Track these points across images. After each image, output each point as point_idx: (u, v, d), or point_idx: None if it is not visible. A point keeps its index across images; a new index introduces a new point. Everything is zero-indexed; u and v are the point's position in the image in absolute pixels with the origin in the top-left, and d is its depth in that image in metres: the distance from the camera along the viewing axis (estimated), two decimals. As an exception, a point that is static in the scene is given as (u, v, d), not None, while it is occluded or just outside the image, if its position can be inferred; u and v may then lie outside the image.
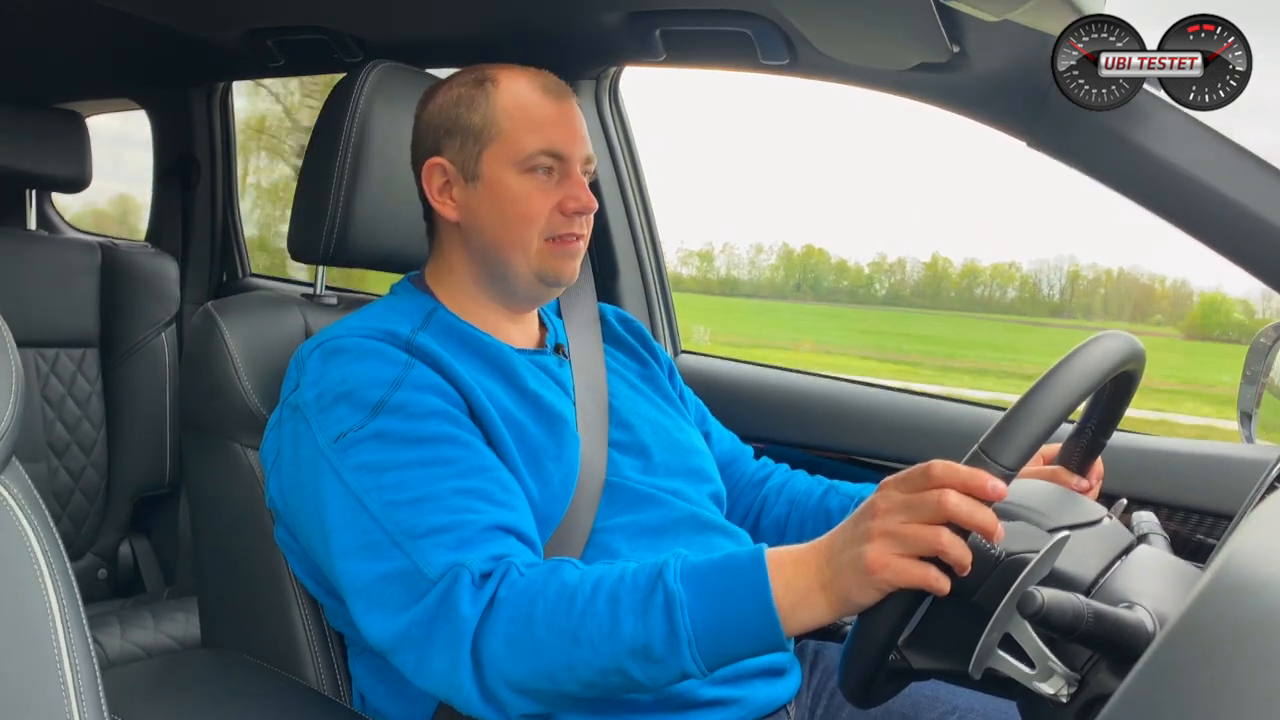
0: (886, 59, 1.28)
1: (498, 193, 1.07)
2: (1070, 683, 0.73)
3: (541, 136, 1.06)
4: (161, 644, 1.83)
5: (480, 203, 1.08)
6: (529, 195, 1.06)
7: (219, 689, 1.08)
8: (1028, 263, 4.07)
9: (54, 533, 0.61)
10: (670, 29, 1.46)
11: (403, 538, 0.89)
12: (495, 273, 1.10)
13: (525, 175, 1.06)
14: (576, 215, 1.07)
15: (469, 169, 1.08)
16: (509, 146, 1.06)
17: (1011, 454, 0.77)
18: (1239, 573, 0.55)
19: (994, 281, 4.26)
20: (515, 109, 1.07)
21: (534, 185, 1.06)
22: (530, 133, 1.06)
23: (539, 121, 1.07)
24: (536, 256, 1.08)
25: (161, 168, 2.40)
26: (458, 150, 1.08)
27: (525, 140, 1.06)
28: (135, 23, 1.83)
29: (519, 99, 1.07)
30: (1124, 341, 0.86)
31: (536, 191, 1.06)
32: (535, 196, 1.06)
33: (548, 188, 1.07)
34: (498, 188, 1.07)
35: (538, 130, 1.06)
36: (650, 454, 1.12)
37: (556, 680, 0.83)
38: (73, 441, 2.03)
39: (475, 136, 1.07)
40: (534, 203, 1.06)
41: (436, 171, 1.10)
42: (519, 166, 1.06)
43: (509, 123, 1.07)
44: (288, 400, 1.02)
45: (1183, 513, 1.27)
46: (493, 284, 1.11)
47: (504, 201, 1.07)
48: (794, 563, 0.80)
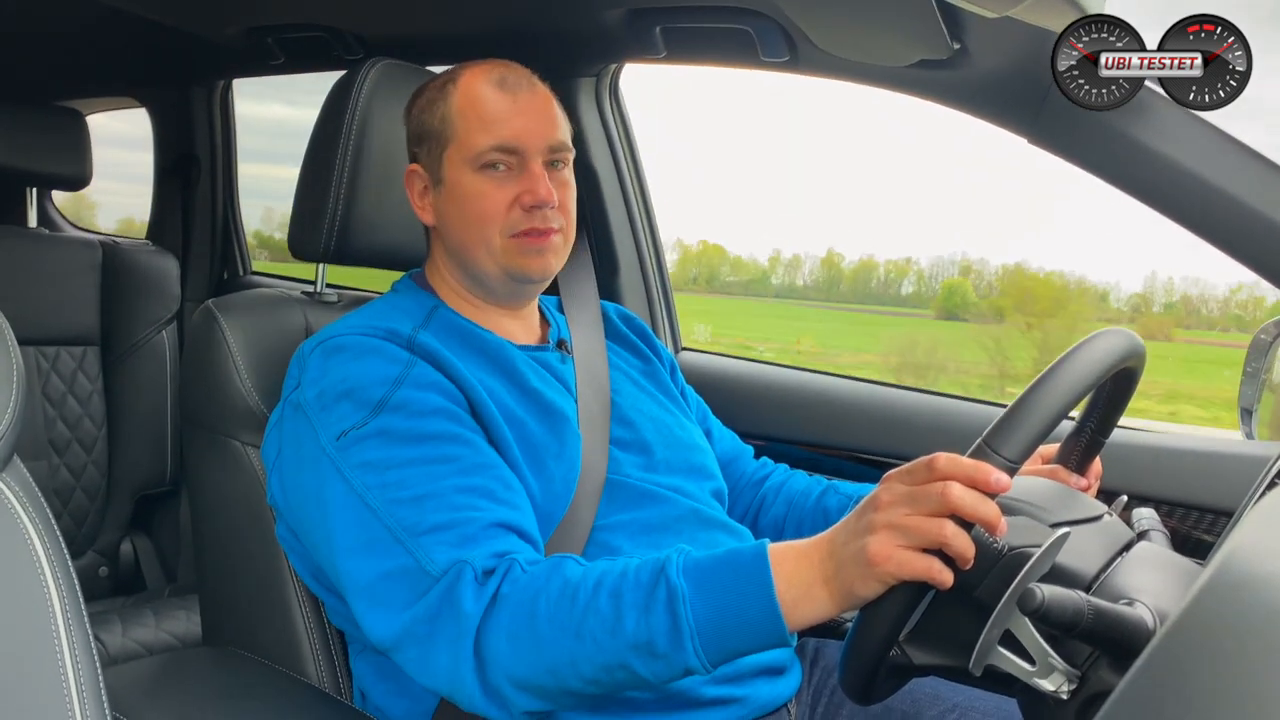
0: (887, 56, 1.27)
1: (458, 194, 1.07)
2: (1071, 679, 0.74)
3: (491, 133, 1.05)
4: (163, 642, 1.83)
5: (445, 206, 1.08)
6: (484, 194, 1.06)
7: (220, 687, 1.08)
8: (926, 259, 4.21)
9: (55, 530, 0.61)
10: (670, 26, 1.45)
11: (405, 535, 0.89)
12: (470, 273, 1.10)
13: (480, 174, 1.06)
14: (535, 209, 1.06)
15: (435, 173, 1.09)
16: (462, 147, 1.06)
17: (1015, 447, 0.77)
18: (1239, 569, 0.55)
19: (889, 275, 4.39)
20: (467, 108, 1.07)
21: (490, 183, 1.06)
22: (480, 131, 1.05)
23: (489, 118, 1.06)
24: (502, 255, 1.07)
25: (162, 166, 2.40)
26: (426, 155, 1.09)
27: (476, 138, 1.05)
28: (136, 21, 1.83)
29: (471, 97, 1.07)
30: (1125, 338, 0.86)
31: (493, 189, 1.06)
32: (491, 194, 1.05)
33: (505, 184, 1.06)
34: (457, 189, 1.07)
35: (487, 127, 1.05)
36: (652, 451, 1.12)
37: (559, 676, 0.83)
38: (74, 439, 2.03)
39: (436, 140, 1.08)
40: (489, 201, 1.05)
41: (415, 178, 1.11)
42: (472, 165, 1.06)
43: (462, 122, 1.06)
44: (289, 398, 1.02)
45: (1183, 509, 1.27)
46: (473, 284, 1.11)
47: (464, 202, 1.06)
48: (797, 557, 0.80)
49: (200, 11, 1.79)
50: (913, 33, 1.14)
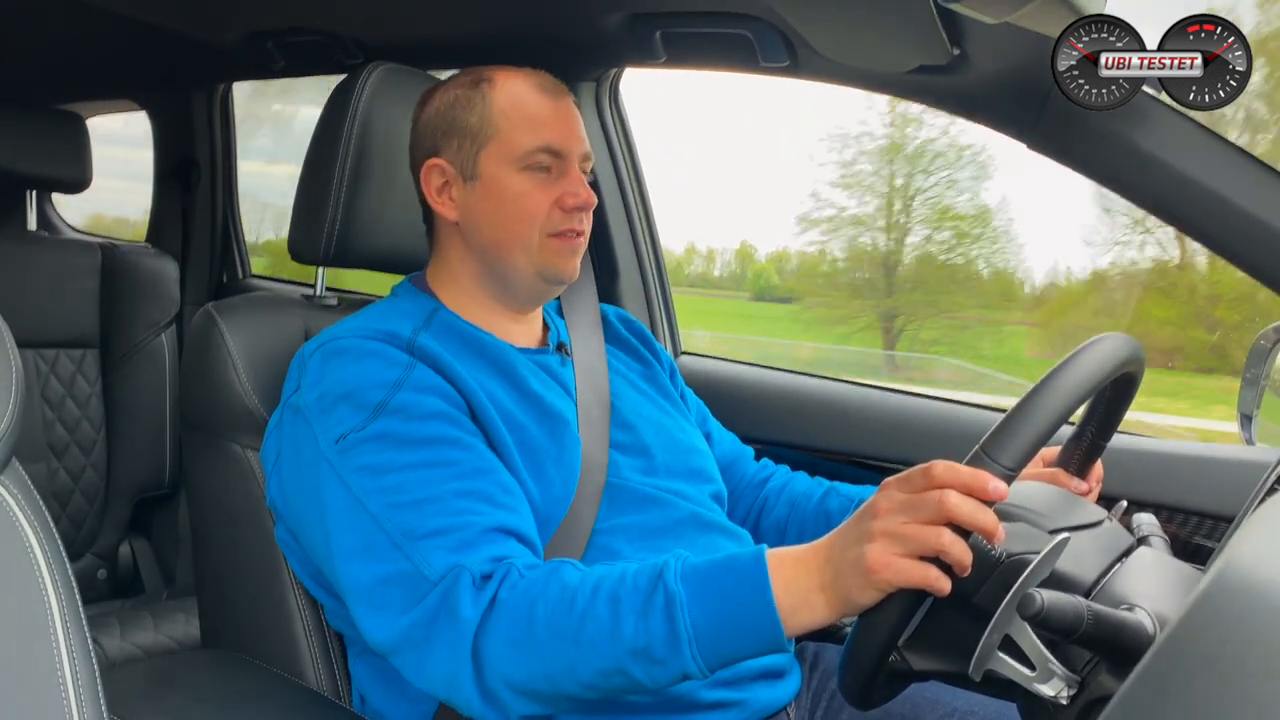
0: (886, 61, 1.28)
1: (496, 191, 1.07)
2: (1070, 684, 0.73)
3: (538, 134, 1.07)
4: (161, 645, 1.83)
5: (479, 202, 1.08)
6: (528, 192, 1.07)
7: (219, 690, 1.08)
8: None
9: (54, 533, 0.61)
10: (671, 31, 1.46)
11: (403, 539, 0.89)
12: (496, 271, 1.10)
13: (523, 173, 1.07)
14: (576, 211, 1.08)
15: (467, 169, 1.08)
16: (506, 145, 1.07)
17: (1012, 455, 0.77)
18: (1239, 575, 0.55)
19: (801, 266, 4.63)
20: (512, 108, 1.07)
21: (533, 183, 1.07)
22: (527, 131, 1.07)
23: (536, 119, 1.07)
24: (538, 253, 1.08)
25: (161, 169, 2.40)
26: (455, 151, 1.09)
27: (522, 138, 1.06)
28: (136, 25, 1.83)
29: (515, 98, 1.08)
30: (1124, 343, 0.86)
31: (535, 189, 1.07)
32: (534, 194, 1.07)
33: (546, 185, 1.07)
34: (496, 186, 1.07)
35: (534, 128, 1.07)
36: (652, 455, 1.12)
37: (557, 681, 0.83)
38: (72, 442, 2.03)
39: (473, 136, 1.08)
40: (533, 200, 1.07)
41: (435, 172, 1.10)
42: (517, 164, 1.07)
43: (506, 122, 1.07)
44: (289, 401, 1.02)
45: (1183, 515, 1.27)
46: (494, 283, 1.11)
47: (503, 199, 1.07)
48: (794, 563, 0.80)
49: (201, 16, 1.79)
50: (912, 38, 1.14)
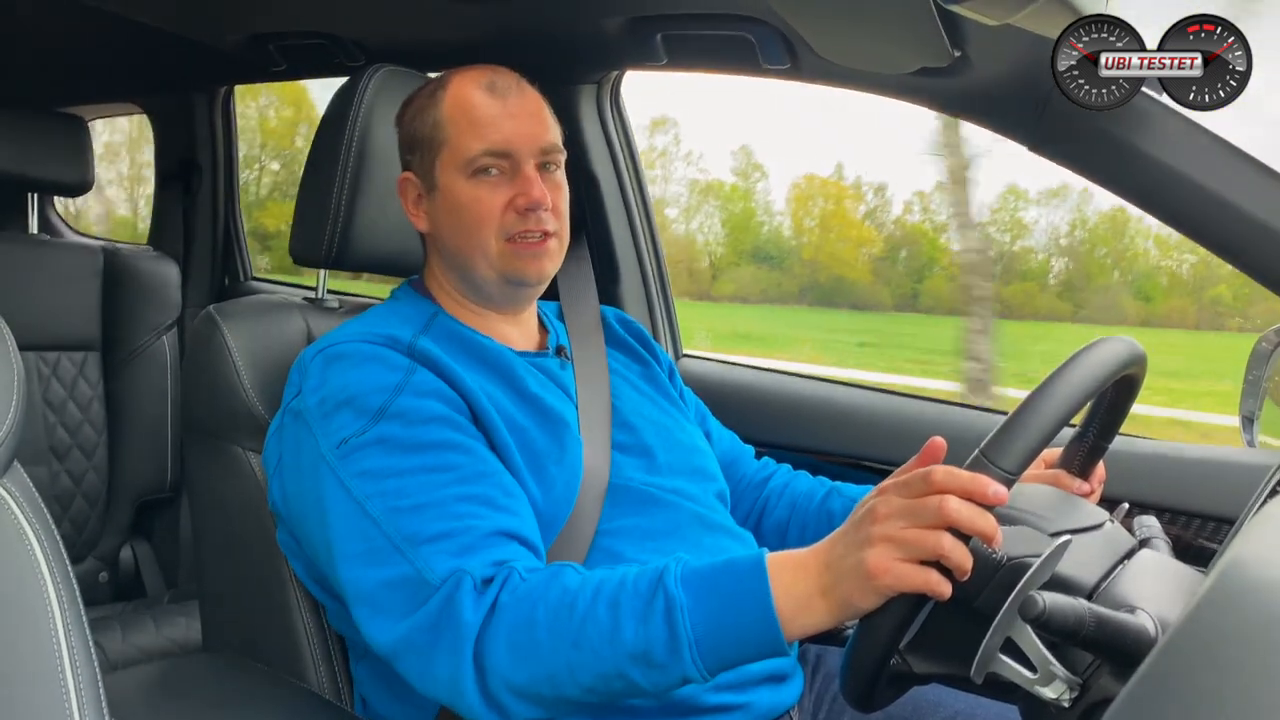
0: (887, 63, 1.28)
1: (451, 201, 1.07)
2: (1072, 687, 0.73)
3: (482, 138, 1.05)
4: (162, 647, 1.83)
5: (439, 212, 1.08)
6: (479, 199, 1.06)
7: (220, 693, 1.08)
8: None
9: (55, 536, 0.61)
10: (672, 33, 1.46)
11: (405, 544, 0.89)
12: (466, 278, 1.10)
13: (473, 179, 1.06)
14: (530, 212, 1.06)
15: (428, 180, 1.09)
16: (454, 152, 1.06)
17: (1013, 458, 0.77)
18: (1241, 577, 0.55)
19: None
20: (457, 114, 1.07)
21: (483, 188, 1.06)
22: (471, 136, 1.06)
23: (480, 123, 1.06)
24: (498, 259, 1.07)
25: (163, 171, 2.41)
26: (419, 163, 1.09)
27: (467, 144, 1.06)
28: (138, 28, 1.84)
29: (460, 103, 1.07)
30: (1125, 345, 0.86)
31: (487, 194, 1.06)
32: (485, 199, 1.06)
33: (499, 188, 1.06)
34: (451, 196, 1.07)
35: (478, 132, 1.06)
36: (654, 455, 1.12)
37: (558, 685, 0.83)
38: (74, 445, 2.03)
39: (428, 147, 1.08)
40: (484, 206, 1.05)
41: (409, 186, 1.11)
42: (465, 171, 1.06)
43: (452, 128, 1.07)
44: (290, 406, 1.02)
45: (1185, 517, 1.27)
46: (469, 289, 1.11)
47: (458, 209, 1.06)
48: (794, 568, 0.80)
49: (203, 19, 1.79)
50: (913, 40, 1.14)
